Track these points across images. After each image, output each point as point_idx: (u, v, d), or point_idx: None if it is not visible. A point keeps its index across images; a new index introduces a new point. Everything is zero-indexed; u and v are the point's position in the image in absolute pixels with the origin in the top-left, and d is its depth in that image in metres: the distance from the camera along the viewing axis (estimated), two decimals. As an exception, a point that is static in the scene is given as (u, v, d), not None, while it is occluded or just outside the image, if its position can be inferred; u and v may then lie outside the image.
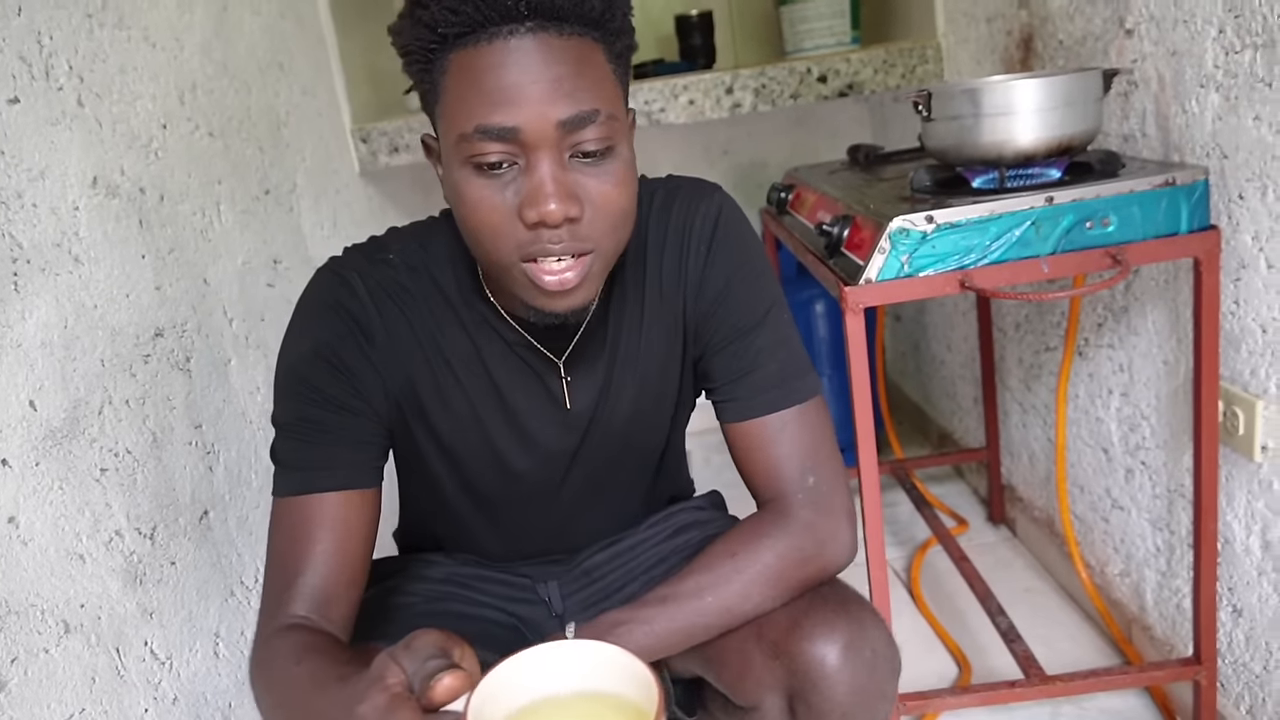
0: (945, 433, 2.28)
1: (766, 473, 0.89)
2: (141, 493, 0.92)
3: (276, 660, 0.77)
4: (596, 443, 0.95)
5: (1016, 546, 1.89)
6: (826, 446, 0.91)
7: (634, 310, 0.91)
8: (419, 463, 0.95)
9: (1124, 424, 1.44)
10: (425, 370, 0.88)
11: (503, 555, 1.03)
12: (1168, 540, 1.38)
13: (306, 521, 0.82)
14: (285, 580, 0.82)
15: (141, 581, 0.90)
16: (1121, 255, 1.07)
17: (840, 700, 0.85)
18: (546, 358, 0.89)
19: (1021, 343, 1.77)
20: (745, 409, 0.89)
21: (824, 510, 0.88)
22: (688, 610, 0.85)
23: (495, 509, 0.99)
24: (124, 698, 0.85)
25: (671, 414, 0.98)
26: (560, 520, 1.00)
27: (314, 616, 0.81)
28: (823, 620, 0.85)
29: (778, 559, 0.86)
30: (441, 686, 0.50)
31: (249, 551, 1.14)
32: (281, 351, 0.87)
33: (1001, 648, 1.53)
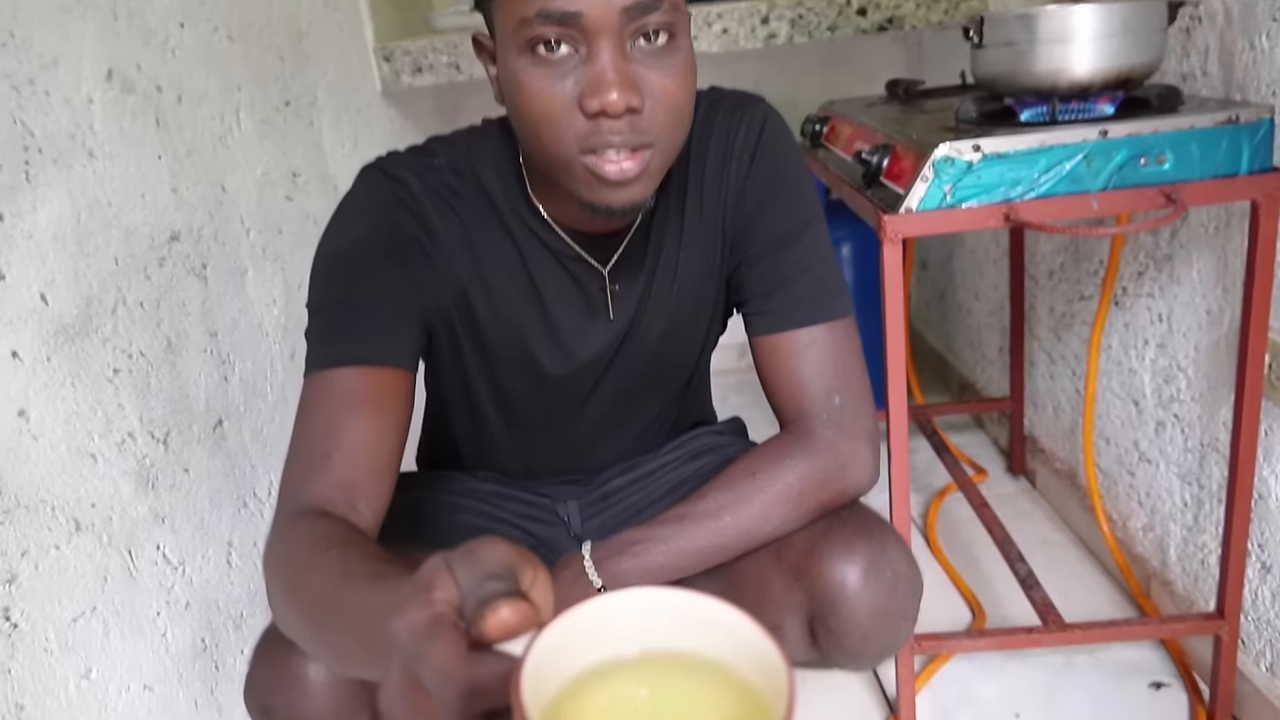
0: (967, 382, 2.24)
1: (791, 390, 0.87)
2: (155, 396, 0.91)
3: (298, 545, 0.69)
4: (631, 355, 0.93)
5: (1035, 498, 1.87)
6: (855, 368, 0.88)
7: (675, 222, 0.88)
8: (455, 369, 0.93)
9: (1158, 376, 1.41)
10: (475, 274, 0.86)
11: (524, 473, 1.01)
12: (1196, 495, 1.35)
13: (339, 397, 0.77)
14: (311, 461, 0.76)
15: (154, 486, 0.89)
16: (1176, 195, 1.02)
17: (860, 622, 0.83)
18: (592, 267, 0.87)
19: (1054, 291, 1.72)
20: (775, 322, 0.87)
21: (847, 432, 0.86)
22: (706, 530, 0.83)
23: (523, 420, 0.97)
24: (136, 599, 0.84)
25: (705, 330, 0.96)
26: (584, 436, 0.98)
27: (340, 504, 0.75)
28: (842, 542, 0.84)
29: (799, 479, 0.84)
30: (496, 619, 0.36)
31: (263, 464, 1.12)
32: (327, 237, 0.83)
33: (1015, 595, 1.51)
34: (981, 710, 1.35)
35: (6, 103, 0.76)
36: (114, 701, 0.79)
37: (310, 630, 0.63)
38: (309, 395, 0.80)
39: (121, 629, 0.81)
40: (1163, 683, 1.36)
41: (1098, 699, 1.35)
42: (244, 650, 1.03)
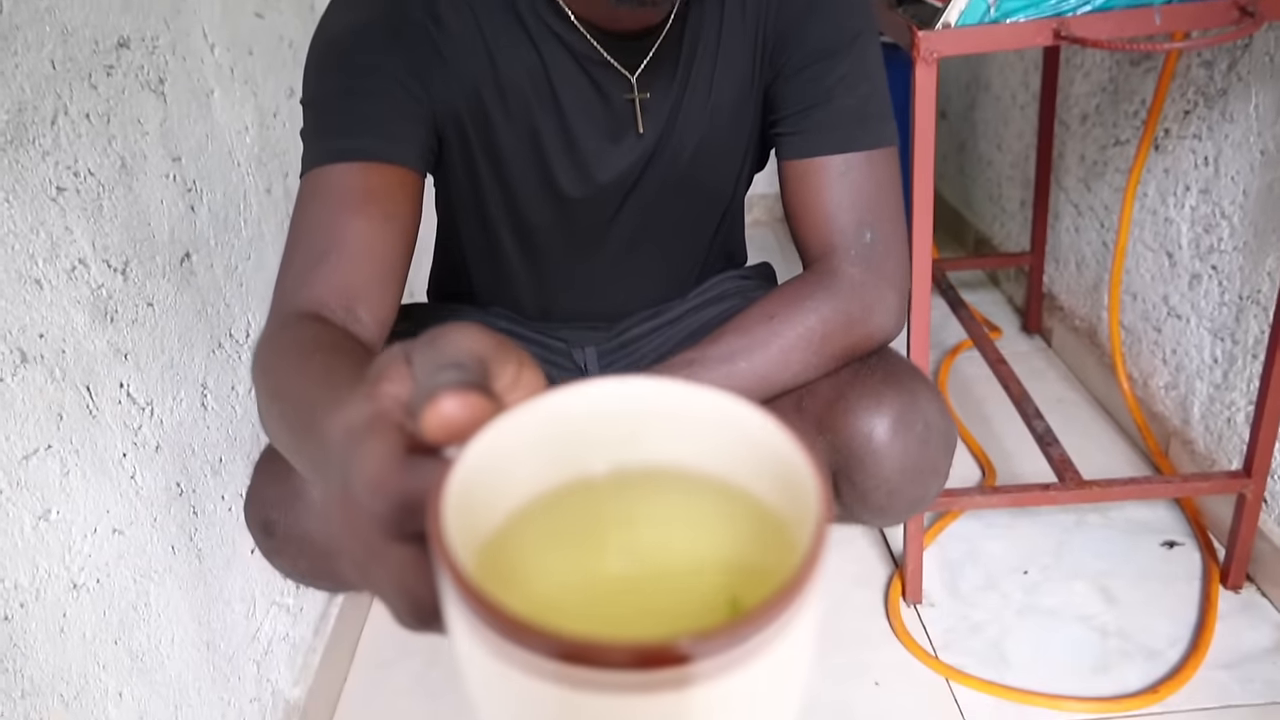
0: (984, 238, 2.15)
1: (819, 222, 0.78)
2: (109, 222, 0.82)
3: (286, 348, 0.61)
4: (659, 179, 0.84)
5: (1050, 357, 1.81)
6: (892, 203, 0.79)
7: (712, 25, 0.79)
8: (468, 184, 0.85)
9: (1198, 225, 1.32)
10: (489, 75, 0.77)
11: (540, 313, 0.94)
12: (1228, 351, 1.28)
13: (338, 194, 0.70)
14: (307, 261, 0.69)
15: (113, 319, 0.81)
16: (1253, 6, 0.91)
17: (888, 477, 0.77)
18: (618, 73, 0.78)
19: (1087, 137, 1.61)
20: (809, 144, 0.78)
21: (876, 271, 0.78)
22: (717, 376, 0.75)
23: (540, 251, 0.89)
24: (97, 438, 0.77)
25: (742, 155, 0.86)
26: (606, 273, 0.90)
27: (337, 309, 0.68)
28: (870, 391, 0.77)
29: (820, 322, 0.76)
30: (435, 414, 0.26)
31: (239, 304, 1.04)
32: (324, 24, 0.74)
33: (1026, 454, 1.47)
34: (989, 567, 1.32)
35: None
36: (79, 544, 0.74)
37: (289, 439, 0.53)
38: (305, 194, 0.72)
39: (83, 469, 0.75)
40: (1176, 541, 1.33)
41: (1109, 557, 1.32)
42: (224, 496, 0.98)
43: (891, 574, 1.32)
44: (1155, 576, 1.28)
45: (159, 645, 0.84)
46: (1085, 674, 1.14)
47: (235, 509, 1.00)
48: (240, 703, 0.98)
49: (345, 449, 0.29)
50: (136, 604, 0.81)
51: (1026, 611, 1.24)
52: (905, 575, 1.27)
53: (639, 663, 0.20)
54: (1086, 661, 1.16)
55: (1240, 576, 1.22)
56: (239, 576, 1.00)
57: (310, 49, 0.76)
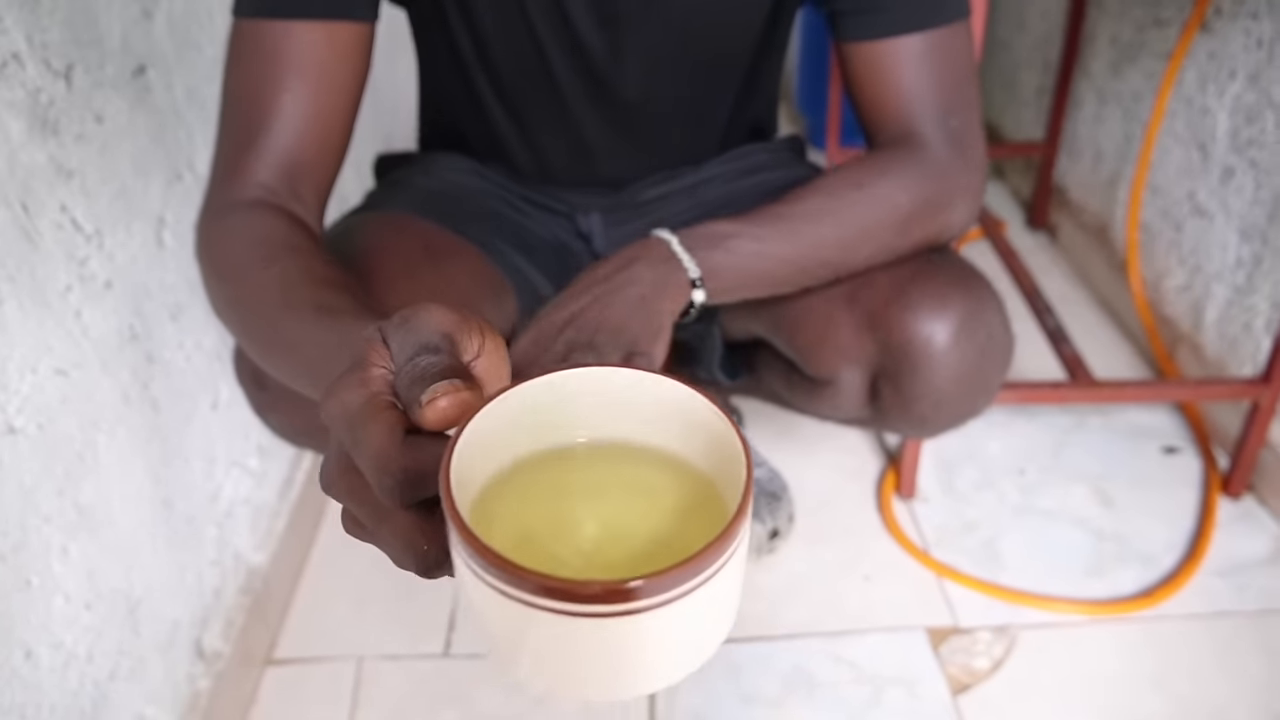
0: (993, 126, 2.05)
1: (899, 106, 0.69)
2: (49, 16, 0.70)
3: (235, 247, 0.60)
4: (653, 36, 0.73)
5: (1055, 254, 1.74)
6: (972, 84, 0.71)
7: None
8: (439, 28, 0.74)
9: (1239, 114, 1.23)
10: None
11: (537, 173, 0.84)
12: (1256, 252, 1.22)
13: (277, 56, 0.63)
14: (246, 133, 0.64)
15: (55, 131, 0.70)
16: None
17: (940, 386, 0.70)
18: None
19: (1123, 17, 1.50)
20: (881, 23, 0.68)
21: (964, 156, 0.70)
22: (807, 236, 0.67)
23: (527, 112, 0.79)
24: (36, 266, 0.67)
25: (767, 13, 0.75)
26: (600, 133, 0.80)
27: (281, 189, 0.64)
28: (935, 292, 0.69)
29: (910, 200, 0.68)
30: (433, 409, 0.31)
31: (201, 132, 0.93)
32: None
33: (1035, 350, 1.41)
34: (986, 466, 1.28)
35: None
36: (15, 383, 0.65)
37: (253, 346, 0.57)
38: (239, 48, 0.65)
39: (19, 299, 0.65)
40: (1176, 447, 1.30)
41: (1107, 460, 1.28)
42: (183, 344, 0.89)
43: (885, 468, 1.27)
44: (1154, 482, 1.24)
45: (109, 500, 0.76)
46: (1079, 576, 1.11)
47: (195, 360, 0.91)
48: (199, 565, 0.91)
49: (348, 430, 0.33)
50: (83, 454, 0.73)
51: (1022, 511, 1.21)
52: (900, 469, 1.22)
53: (604, 598, 0.27)
54: (1080, 564, 1.13)
55: (1242, 484, 1.19)
56: (199, 434, 0.92)
57: None
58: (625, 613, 0.28)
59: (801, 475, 1.24)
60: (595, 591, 0.27)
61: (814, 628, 1.04)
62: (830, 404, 0.81)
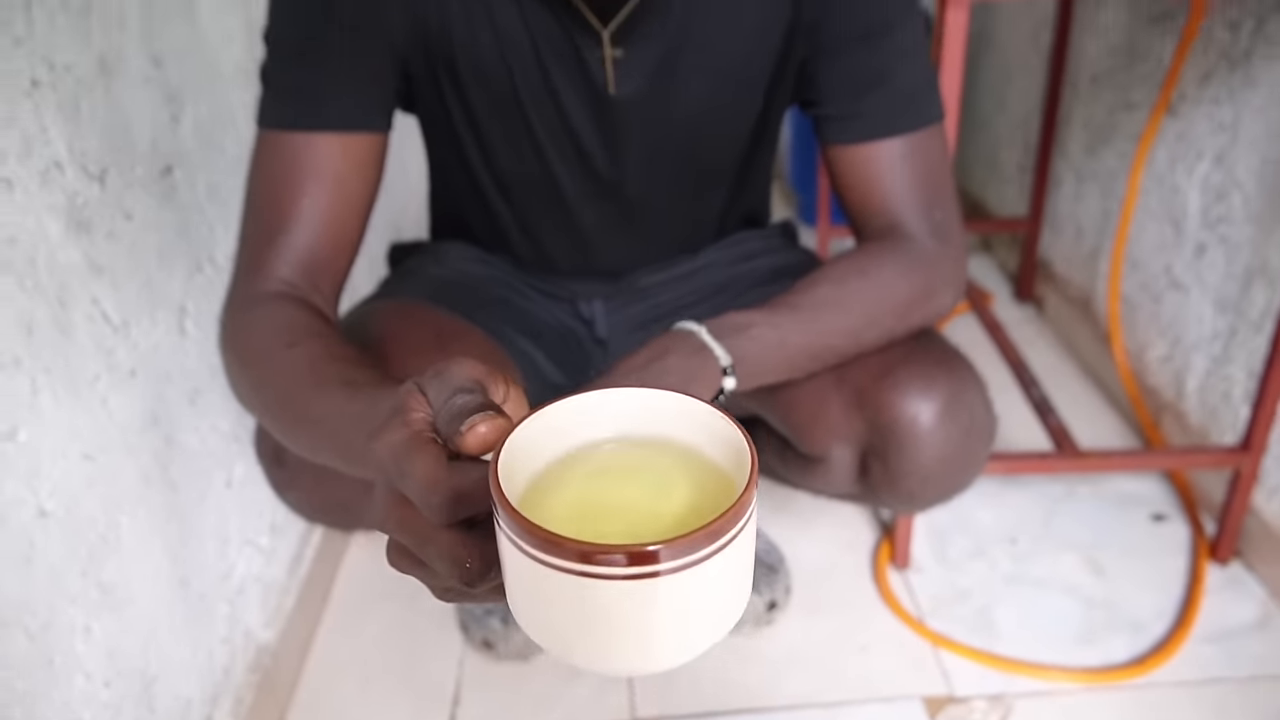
0: (978, 202, 2.12)
1: (885, 203, 0.74)
2: (87, 124, 0.75)
3: (258, 333, 0.65)
4: (649, 142, 0.78)
5: (1042, 325, 1.79)
6: (950, 179, 0.76)
7: None
8: (446, 130, 0.79)
9: (1209, 193, 1.29)
10: (459, 7, 0.70)
11: (539, 264, 0.88)
12: (1231, 324, 1.27)
13: (297, 165, 0.68)
14: (267, 234, 0.69)
15: (89, 230, 0.75)
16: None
17: (925, 464, 0.74)
18: (588, 25, 0.71)
19: (1095, 100, 1.58)
20: (865, 128, 0.73)
21: (950, 247, 0.75)
22: (820, 324, 0.71)
23: (528, 211, 0.84)
24: (70, 357, 0.72)
25: (756, 117, 0.80)
26: (600, 229, 0.84)
27: (301, 284, 0.69)
28: (921, 373, 0.73)
29: (909, 288, 0.73)
30: (474, 435, 0.36)
31: (222, 225, 0.98)
32: None
33: (1017, 421, 1.45)
34: (978, 535, 1.31)
35: None
36: (48, 468, 0.68)
37: (279, 424, 0.61)
38: (263, 155, 0.71)
39: (53, 389, 0.69)
40: (1164, 515, 1.32)
41: (1097, 528, 1.31)
42: (199, 428, 0.93)
43: (879, 539, 1.30)
44: (1143, 549, 1.27)
45: (129, 579, 0.79)
46: (1071, 644, 1.13)
47: (211, 442, 0.95)
48: (211, 643, 0.93)
49: (397, 464, 0.38)
50: (106, 535, 0.76)
51: (1014, 580, 1.23)
52: (894, 540, 1.25)
53: (629, 559, 0.31)
54: (1073, 632, 1.15)
55: (1229, 551, 1.22)
56: (213, 512, 0.95)
57: None
58: (647, 575, 0.31)
59: (798, 548, 1.26)
60: (619, 555, 0.30)
61: (812, 699, 1.06)
62: (823, 480, 0.85)
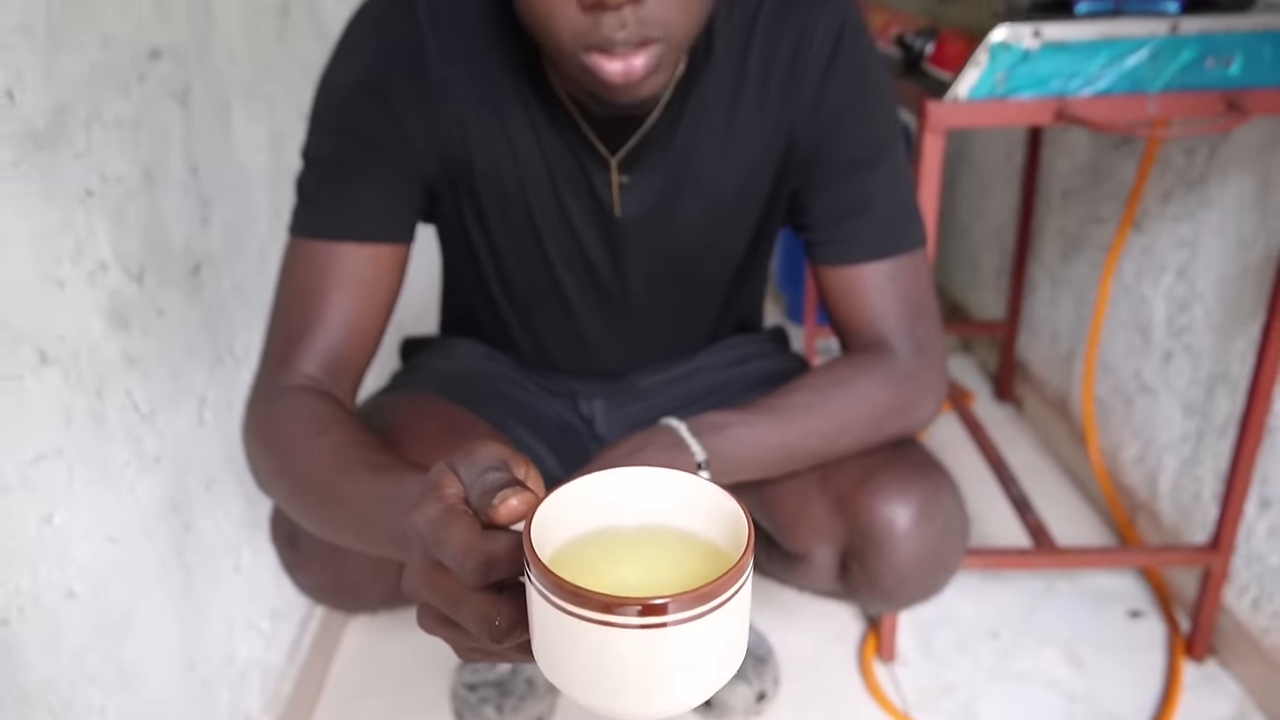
0: (959, 305, 2.20)
1: (869, 321, 0.80)
2: (131, 229, 0.82)
3: (284, 423, 0.69)
4: (650, 259, 0.85)
5: (1021, 425, 1.85)
6: (931, 297, 0.82)
7: (718, 117, 0.78)
8: (462, 240, 0.86)
9: (1173, 304, 1.37)
10: (477, 126, 0.77)
11: (542, 364, 0.94)
12: (1198, 427, 1.33)
13: (326, 271, 0.74)
14: (295, 333, 0.74)
15: (127, 326, 0.81)
16: (1240, 101, 0.96)
17: (900, 565, 0.79)
18: (598, 154, 0.78)
19: (1066, 213, 1.67)
20: (851, 251, 0.79)
21: (930, 361, 0.80)
22: (797, 427, 0.76)
23: (535, 316, 0.90)
24: (104, 445, 0.76)
25: (750, 240, 0.87)
26: (602, 336, 0.90)
27: (324, 379, 0.74)
28: (898, 479, 0.78)
29: (885, 398, 0.78)
30: (506, 507, 0.41)
31: (241, 318, 1.04)
32: (324, 74, 0.76)
33: (997, 517, 1.49)
34: (961, 629, 1.34)
35: None
36: (76, 550, 0.72)
37: (302, 507, 0.66)
38: (294, 261, 0.76)
39: (87, 476, 0.74)
40: (1141, 611, 1.36)
41: (1076, 623, 1.34)
42: (214, 514, 0.97)
43: (866, 631, 1.33)
44: (1121, 645, 1.30)
45: (143, 661, 0.82)
46: (1054, 738, 1.16)
47: (224, 528, 0.99)
48: (213, 726, 0.96)
49: (433, 533, 0.43)
50: (127, 617, 0.79)
51: (997, 674, 1.26)
52: (880, 633, 1.28)
53: (642, 611, 0.36)
54: (1055, 726, 1.18)
55: (1204, 648, 1.25)
56: (221, 596, 0.98)
57: (315, 96, 0.77)
58: (656, 625, 0.36)
59: (786, 640, 1.29)
60: (635, 606, 0.35)
61: (800, 790, 1.08)
62: (805, 577, 0.89)
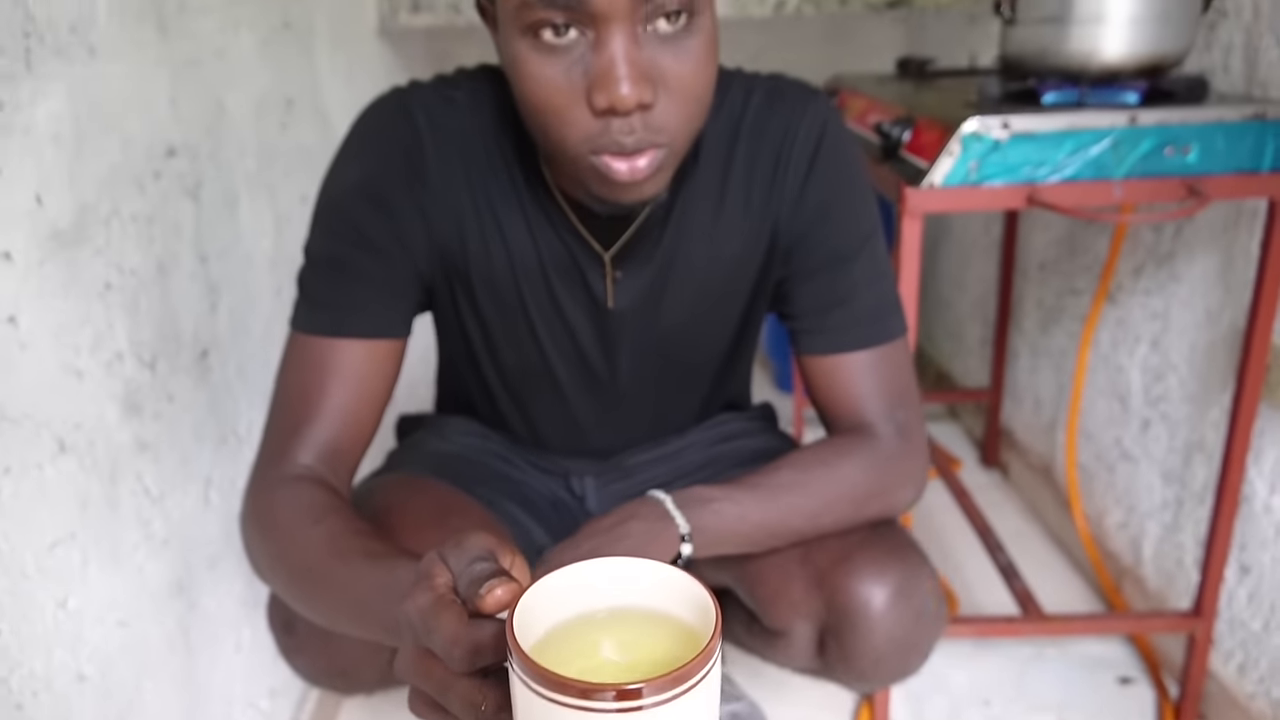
0: (944, 373, 2.25)
1: (851, 406, 0.83)
2: (144, 318, 0.85)
3: (282, 512, 0.72)
4: (640, 349, 0.88)
5: (1008, 491, 1.88)
6: (913, 385, 0.86)
7: (704, 213, 0.83)
8: (456, 328, 0.89)
9: (1148, 374, 1.41)
10: (474, 226, 0.81)
11: (535, 444, 0.97)
12: (1178, 494, 1.36)
13: (324, 366, 0.77)
14: (293, 425, 0.76)
15: (139, 412, 0.84)
16: (1199, 187, 1.02)
17: (876, 645, 0.81)
18: (592, 250, 0.82)
19: (1044, 285, 1.73)
20: (833, 341, 0.83)
21: (911, 445, 0.83)
22: (780, 504, 0.79)
23: (527, 399, 0.93)
24: (116, 529, 0.79)
25: (736, 328, 0.91)
26: (594, 418, 0.94)
27: (320, 469, 0.76)
28: (875, 560, 0.81)
29: (865, 480, 0.81)
30: (492, 597, 0.45)
31: (245, 400, 1.07)
32: (326, 177, 0.80)
33: (987, 584, 1.52)
34: (953, 697, 1.35)
35: (9, -18, 0.70)
36: (89, 634, 0.74)
37: (299, 593, 0.69)
38: (294, 355, 0.79)
39: (100, 559, 0.76)
40: (1130, 678, 1.38)
41: (1067, 691, 1.35)
42: (217, 593, 0.98)
43: (859, 701, 1.34)
44: (1112, 711, 1.32)
45: (148, 742, 0.83)
46: (1047, 807, 1.16)
47: (226, 606, 1.00)
48: (212, 807, 0.96)
49: (424, 622, 0.46)
50: (134, 700, 0.81)
51: (990, 742, 1.27)
52: (873, 702, 1.29)
53: (617, 695, 0.38)
54: (1048, 794, 1.18)
55: (1193, 714, 1.27)
56: (222, 675, 1.00)
57: (320, 190, 0.81)
58: (632, 709, 0.38)
59: (780, 710, 1.30)
60: (611, 692, 0.38)
61: None
62: (784, 654, 0.91)
